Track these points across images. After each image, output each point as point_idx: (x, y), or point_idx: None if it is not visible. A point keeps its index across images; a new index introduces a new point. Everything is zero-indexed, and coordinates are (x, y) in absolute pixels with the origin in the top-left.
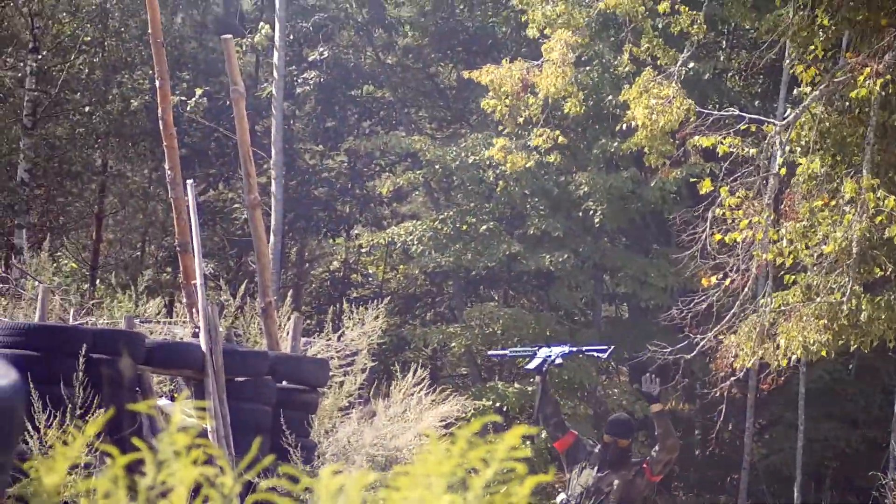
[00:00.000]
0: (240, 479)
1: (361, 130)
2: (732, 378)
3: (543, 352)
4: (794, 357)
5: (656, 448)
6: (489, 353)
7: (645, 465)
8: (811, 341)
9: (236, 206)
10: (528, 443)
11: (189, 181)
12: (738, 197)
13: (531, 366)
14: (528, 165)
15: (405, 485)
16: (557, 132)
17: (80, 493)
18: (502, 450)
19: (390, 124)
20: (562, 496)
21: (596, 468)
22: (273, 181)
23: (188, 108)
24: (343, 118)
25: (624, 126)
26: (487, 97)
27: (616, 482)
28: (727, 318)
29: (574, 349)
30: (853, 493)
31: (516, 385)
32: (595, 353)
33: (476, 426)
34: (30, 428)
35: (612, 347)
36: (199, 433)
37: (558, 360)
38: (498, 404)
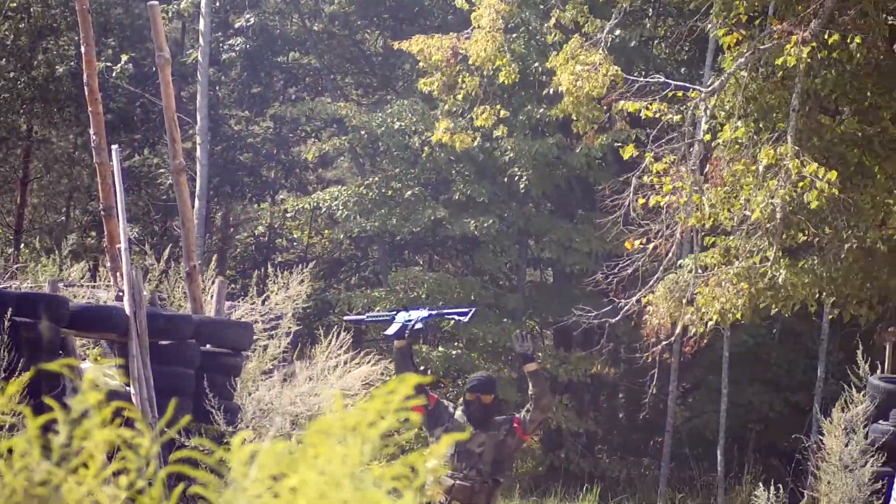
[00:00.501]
0: (159, 440)
1: (287, 97)
2: (664, 343)
3: (402, 316)
4: (710, 322)
5: (529, 407)
6: (345, 317)
7: (516, 425)
8: (728, 306)
9: (161, 171)
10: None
11: (114, 146)
12: (664, 163)
13: (390, 331)
14: (474, 144)
15: (317, 441)
16: (498, 106)
17: None
18: (397, 401)
19: (316, 91)
20: (429, 462)
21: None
22: (198, 147)
23: (114, 74)
24: (269, 84)
25: (551, 91)
26: (423, 79)
27: (486, 442)
28: (651, 282)
29: (434, 313)
30: (776, 456)
31: (440, 349)
32: (456, 317)
33: (392, 385)
34: None
35: (474, 310)
36: (123, 396)
37: (418, 325)
38: (422, 368)
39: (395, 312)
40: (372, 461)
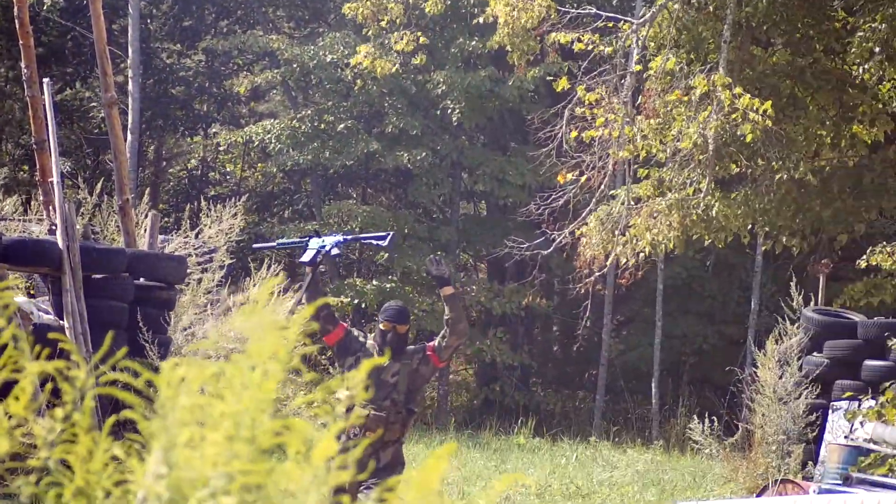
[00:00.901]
0: (93, 373)
1: (219, 30)
2: (597, 274)
3: (315, 242)
4: (642, 254)
5: (445, 333)
6: (254, 245)
7: (430, 353)
8: (660, 237)
9: (93, 104)
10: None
11: (45, 80)
12: (596, 94)
13: (305, 258)
14: (393, 70)
15: (238, 370)
16: (419, 33)
17: None
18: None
19: (248, 23)
20: (342, 392)
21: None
22: (130, 80)
23: (45, 8)
24: (200, 17)
25: (482, 21)
26: (349, 4)
27: (399, 371)
28: (584, 214)
29: (349, 237)
30: (711, 388)
31: (374, 282)
32: (374, 242)
33: (309, 312)
34: None
35: (392, 234)
36: (57, 329)
37: (333, 251)
38: (356, 301)
39: (307, 238)
40: (292, 390)
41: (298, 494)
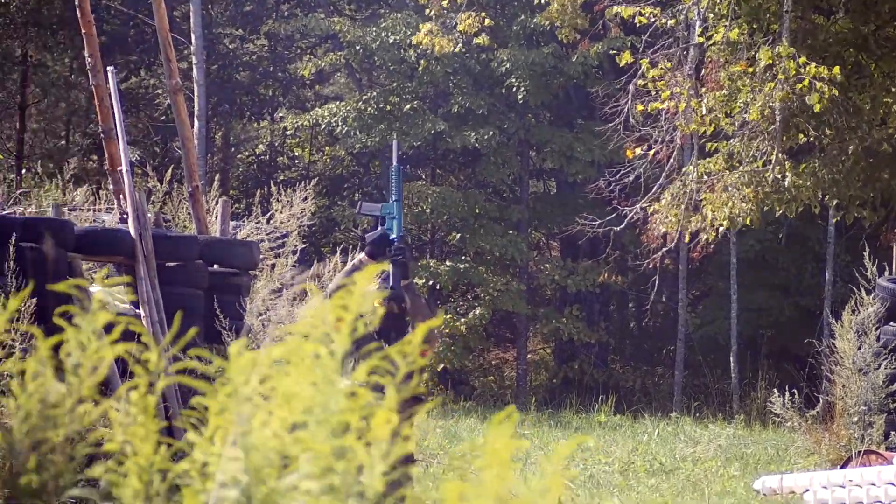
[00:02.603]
0: (166, 355)
1: (280, 13)
2: (664, 249)
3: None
4: (721, 228)
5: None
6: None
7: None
8: (736, 210)
9: (158, 91)
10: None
11: (110, 68)
12: (660, 69)
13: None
14: (456, 50)
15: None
16: (483, 14)
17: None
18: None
19: (309, 6)
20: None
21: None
22: (194, 66)
23: None
24: (262, 1)
25: (542, 2)
26: None
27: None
28: (654, 189)
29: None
30: (789, 361)
31: (448, 262)
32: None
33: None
34: None
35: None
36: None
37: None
38: (431, 282)
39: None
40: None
41: (366, 470)
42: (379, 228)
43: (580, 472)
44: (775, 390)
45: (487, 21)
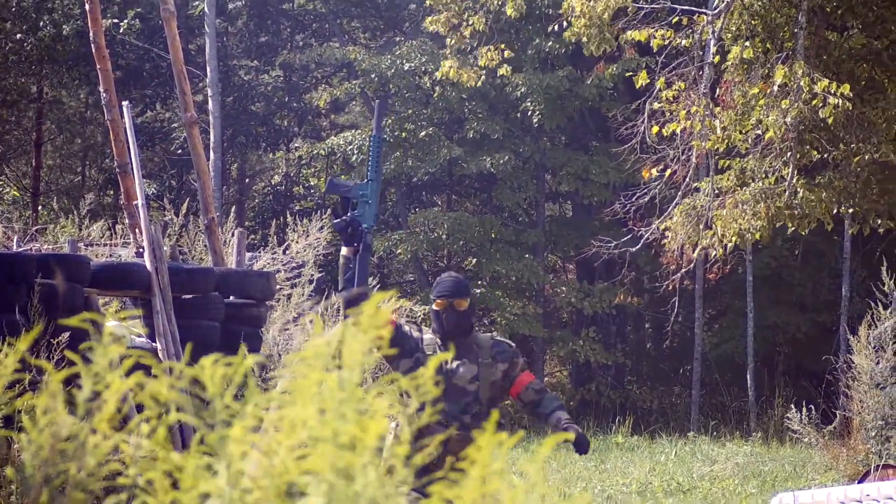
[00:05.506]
0: (176, 387)
1: (295, 44)
2: (683, 270)
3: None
4: (729, 245)
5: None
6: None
7: (521, 372)
8: (745, 227)
9: (174, 125)
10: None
11: (125, 102)
12: (675, 89)
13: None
14: (479, 84)
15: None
16: (503, 45)
17: (19, 410)
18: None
19: (324, 36)
20: (393, 423)
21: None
22: (209, 99)
23: (121, 31)
24: (276, 32)
25: (556, 28)
26: (430, 17)
27: (479, 375)
28: (669, 209)
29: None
30: (807, 377)
31: None
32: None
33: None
34: None
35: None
36: (149, 351)
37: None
38: None
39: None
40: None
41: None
42: (348, 214)
43: (598, 493)
44: (792, 407)
45: (508, 53)
